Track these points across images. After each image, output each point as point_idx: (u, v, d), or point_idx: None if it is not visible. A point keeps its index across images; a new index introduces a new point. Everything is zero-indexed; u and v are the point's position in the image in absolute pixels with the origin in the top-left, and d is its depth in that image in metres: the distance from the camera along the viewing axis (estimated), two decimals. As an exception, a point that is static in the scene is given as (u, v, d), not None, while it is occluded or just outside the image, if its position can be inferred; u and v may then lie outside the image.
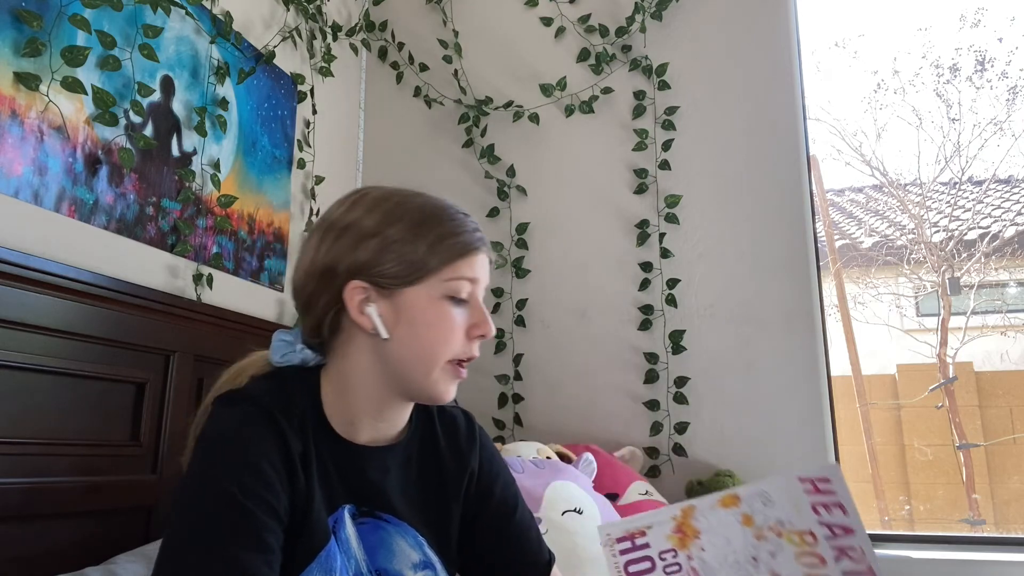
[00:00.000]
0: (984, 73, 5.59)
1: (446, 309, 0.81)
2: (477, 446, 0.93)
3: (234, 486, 0.70)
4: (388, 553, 0.81)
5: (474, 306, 0.83)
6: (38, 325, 1.15)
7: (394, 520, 0.83)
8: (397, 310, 0.80)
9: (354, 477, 0.81)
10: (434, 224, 0.81)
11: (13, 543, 1.11)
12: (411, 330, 0.80)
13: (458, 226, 0.82)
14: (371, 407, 0.83)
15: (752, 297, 2.04)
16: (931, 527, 4.28)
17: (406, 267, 0.79)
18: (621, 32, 2.23)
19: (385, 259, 0.80)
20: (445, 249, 0.80)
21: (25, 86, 1.21)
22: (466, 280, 0.81)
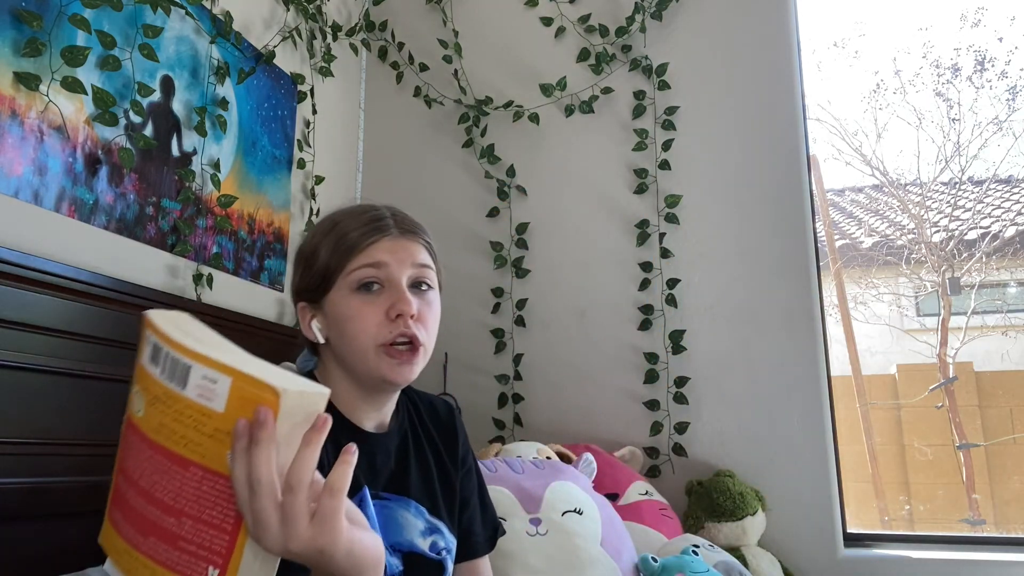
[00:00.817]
0: (984, 73, 5.59)
1: (357, 301, 0.86)
2: (457, 429, 1.04)
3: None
4: (396, 527, 0.88)
5: (391, 288, 0.87)
6: (38, 325, 1.15)
7: (393, 497, 0.90)
8: (327, 317, 0.88)
9: (365, 462, 0.86)
10: (334, 231, 0.89)
11: (13, 543, 1.11)
12: (338, 329, 0.87)
13: (351, 223, 0.89)
14: (359, 400, 0.90)
15: (752, 297, 2.04)
16: (931, 527, 4.28)
17: (317, 277, 0.88)
18: (621, 32, 2.23)
19: (307, 277, 0.90)
20: (340, 249, 0.87)
21: (25, 86, 1.21)
22: (367, 267, 0.86)
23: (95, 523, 1.27)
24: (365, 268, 0.86)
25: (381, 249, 0.87)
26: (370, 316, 0.85)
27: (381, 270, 0.87)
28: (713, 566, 1.45)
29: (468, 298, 2.23)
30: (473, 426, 2.14)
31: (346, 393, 0.89)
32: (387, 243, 0.88)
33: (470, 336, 2.21)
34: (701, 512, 1.81)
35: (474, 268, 2.25)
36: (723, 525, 1.78)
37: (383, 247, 0.88)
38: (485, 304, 2.23)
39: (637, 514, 1.69)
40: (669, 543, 1.62)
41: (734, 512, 1.78)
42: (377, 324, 0.85)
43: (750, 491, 1.84)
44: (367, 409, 0.91)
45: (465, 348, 2.20)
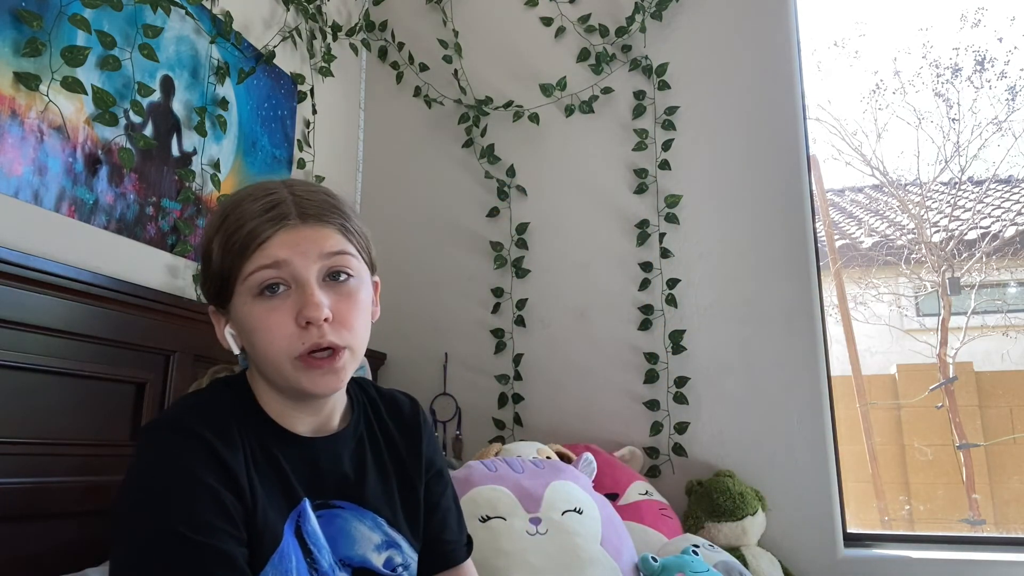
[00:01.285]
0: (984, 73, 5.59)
1: (260, 309, 0.74)
2: (422, 421, 0.93)
3: (181, 525, 0.66)
4: (348, 540, 0.80)
5: (297, 290, 0.74)
6: (38, 325, 1.15)
7: (349, 506, 0.81)
8: (236, 324, 0.77)
9: (307, 469, 0.79)
10: (225, 225, 0.76)
11: (13, 543, 1.11)
12: (248, 340, 0.76)
13: (242, 214, 0.75)
14: (289, 407, 0.80)
15: (752, 297, 2.04)
16: (931, 527, 4.28)
17: (214, 283, 0.77)
18: (621, 32, 2.23)
19: (204, 281, 0.79)
20: (233, 248, 0.74)
21: (25, 86, 1.21)
22: (265, 269, 0.73)
23: (95, 523, 1.27)
24: (263, 270, 0.73)
25: (279, 244, 0.73)
26: (277, 325, 0.73)
27: (283, 269, 0.73)
28: (713, 566, 1.45)
29: (468, 298, 2.24)
30: (473, 426, 2.14)
31: (275, 400, 0.80)
32: (285, 235, 0.74)
33: (470, 336, 2.21)
34: (701, 512, 1.82)
35: (474, 268, 2.25)
36: (723, 525, 1.78)
37: (281, 241, 0.74)
38: (485, 304, 2.23)
39: (637, 514, 1.69)
40: (669, 543, 1.62)
41: (734, 512, 1.78)
42: (287, 335, 0.73)
43: (750, 491, 1.84)
44: (301, 414, 0.81)
45: (465, 348, 2.20)
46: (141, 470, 0.71)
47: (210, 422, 0.73)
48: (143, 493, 0.69)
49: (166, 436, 0.72)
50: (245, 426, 0.76)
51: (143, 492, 0.69)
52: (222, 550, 0.67)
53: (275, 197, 0.76)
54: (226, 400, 0.78)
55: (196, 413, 0.74)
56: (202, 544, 0.66)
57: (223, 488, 0.70)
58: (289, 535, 0.75)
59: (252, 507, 0.72)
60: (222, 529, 0.68)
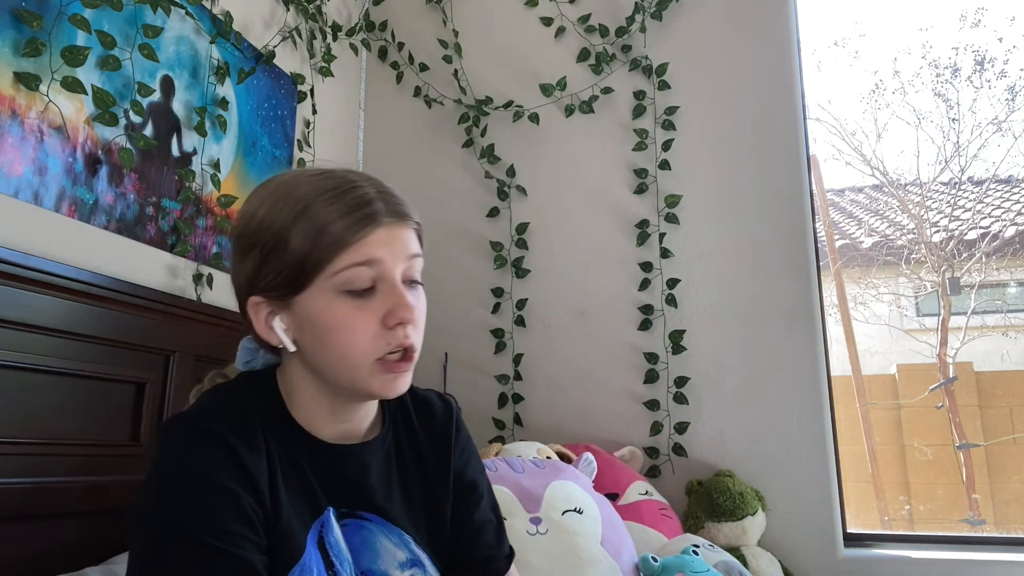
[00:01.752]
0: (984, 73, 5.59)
1: (345, 307, 0.70)
2: (454, 432, 0.88)
3: (200, 530, 0.64)
4: (372, 554, 0.77)
5: (386, 290, 0.71)
6: (38, 325, 1.15)
7: (376, 519, 0.78)
8: (298, 319, 0.72)
9: (334, 477, 0.76)
10: (314, 212, 0.70)
11: (13, 543, 1.11)
12: (316, 338, 0.71)
13: (342, 206, 0.71)
14: (324, 411, 0.77)
15: (752, 297, 2.04)
16: (931, 527, 4.28)
17: (287, 274, 0.71)
18: (621, 32, 2.23)
19: (266, 268, 0.72)
20: (323, 242, 0.70)
21: (25, 86, 1.21)
22: (359, 267, 0.70)
23: (95, 523, 1.27)
24: (357, 267, 0.70)
25: (375, 242, 0.71)
26: (363, 326, 0.70)
27: (375, 268, 0.71)
28: (713, 566, 1.45)
29: (468, 298, 2.24)
30: (473, 426, 2.13)
31: (311, 403, 0.76)
32: (381, 234, 0.71)
33: (470, 336, 2.21)
34: (701, 512, 1.82)
35: (474, 268, 2.25)
36: (723, 525, 1.78)
37: (377, 239, 0.71)
38: (485, 304, 2.23)
39: (637, 514, 1.69)
40: (669, 543, 1.62)
41: (734, 512, 1.78)
42: (372, 336, 0.71)
43: (750, 491, 1.84)
44: (334, 422, 0.77)
45: (465, 348, 2.20)
46: (162, 470, 0.68)
47: (233, 422, 0.70)
48: (163, 495, 0.67)
49: (187, 434, 0.69)
50: (270, 428, 0.73)
51: (163, 494, 0.67)
52: (242, 557, 0.65)
53: (365, 192, 0.73)
54: (252, 399, 0.75)
55: (219, 412, 0.72)
56: (222, 551, 0.64)
57: (243, 492, 0.67)
58: (312, 546, 0.72)
59: (275, 514, 0.70)
60: (242, 535, 0.66)
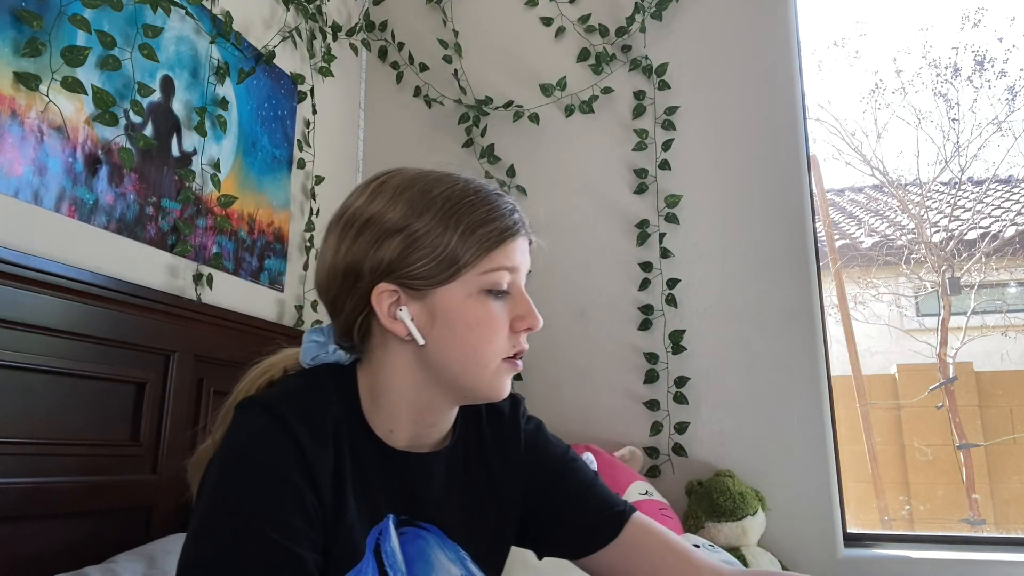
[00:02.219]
0: (984, 73, 5.59)
1: (486, 305, 0.72)
2: (520, 430, 0.85)
3: (269, 527, 0.63)
4: (427, 566, 0.75)
5: (517, 297, 0.75)
6: (38, 325, 1.15)
7: (435, 530, 0.77)
8: (432, 312, 0.72)
9: (396, 485, 0.75)
10: (465, 212, 0.72)
11: (13, 543, 1.11)
12: (450, 333, 0.72)
13: (491, 211, 0.73)
14: (411, 412, 0.75)
15: (752, 297, 2.04)
16: (931, 527, 4.28)
17: (437, 265, 0.71)
18: (621, 32, 2.23)
19: (413, 257, 0.71)
20: (479, 239, 0.72)
21: (25, 86, 1.21)
22: (504, 270, 0.73)
23: (95, 523, 1.27)
24: (502, 271, 0.73)
25: (518, 249, 0.75)
26: (500, 326, 0.73)
27: (513, 275, 0.74)
28: (713, 566, 1.45)
29: (468, 298, 2.23)
30: (473, 426, 2.14)
31: (399, 403, 0.75)
32: (520, 243, 0.76)
33: (470, 336, 2.21)
34: (701, 512, 1.82)
35: (474, 268, 2.25)
36: (723, 525, 1.78)
37: (517, 248, 0.75)
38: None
39: (637, 514, 1.69)
40: (669, 543, 1.62)
41: (734, 512, 1.78)
42: (504, 336, 0.73)
43: (750, 491, 1.84)
44: (416, 424, 0.76)
45: (465, 348, 2.20)
46: (232, 454, 0.67)
47: (308, 415, 0.69)
48: (229, 480, 0.66)
49: (260, 421, 0.68)
50: (343, 426, 0.72)
51: (229, 479, 0.66)
52: (298, 554, 0.64)
53: (509, 201, 0.77)
54: (330, 393, 0.74)
55: (296, 401, 0.70)
56: (279, 545, 0.63)
57: (307, 488, 0.67)
58: (369, 552, 0.71)
59: (337, 514, 0.69)
60: (301, 531, 0.65)
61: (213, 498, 0.65)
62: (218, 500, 0.65)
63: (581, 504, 0.82)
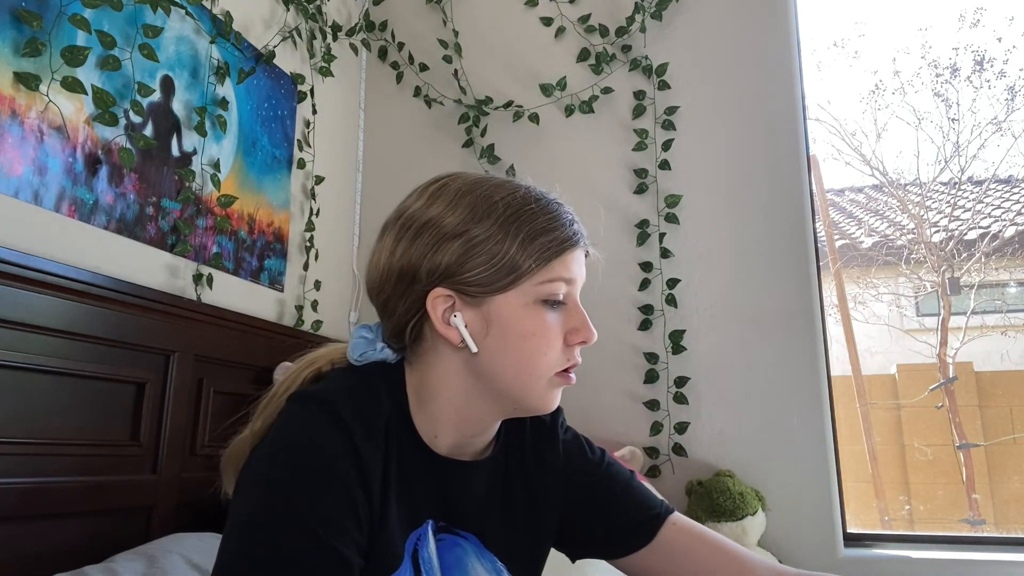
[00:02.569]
0: (983, 73, 5.59)
1: (542, 316, 0.72)
2: (559, 440, 0.85)
3: (316, 523, 0.61)
4: (462, 574, 0.74)
5: (572, 309, 0.75)
6: (38, 325, 1.15)
7: (472, 539, 0.76)
8: (487, 319, 0.71)
9: (437, 491, 0.74)
10: (525, 219, 0.71)
11: (13, 543, 1.11)
12: (504, 342, 0.71)
13: (552, 220, 0.73)
14: (457, 420, 0.74)
15: (752, 297, 2.04)
16: (931, 527, 4.28)
17: (495, 272, 0.70)
18: (621, 32, 2.23)
19: (471, 263, 0.70)
20: (538, 248, 0.71)
21: (25, 86, 1.21)
22: (562, 281, 0.73)
23: (95, 523, 1.27)
24: (560, 282, 0.72)
25: (574, 261, 0.75)
26: (555, 337, 0.72)
27: (570, 286, 0.74)
28: (713, 566, 1.45)
29: (468, 298, 2.23)
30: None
31: (446, 408, 0.74)
32: (578, 255, 0.76)
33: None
34: (701, 512, 1.81)
35: (474, 268, 2.25)
36: (723, 525, 1.78)
37: (575, 259, 0.75)
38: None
39: (637, 514, 1.69)
40: (669, 543, 1.62)
41: (734, 512, 1.78)
42: (558, 349, 0.73)
43: (750, 491, 1.84)
44: (462, 432, 0.75)
45: (465, 348, 2.20)
46: (284, 444, 0.66)
47: (361, 414, 0.68)
48: (280, 470, 0.64)
49: (316, 414, 0.67)
50: (391, 428, 0.71)
51: (281, 469, 0.64)
52: (343, 555, 0.62)
53: (568, 211, 0.76)
54: (382, 393, 0.73)
55: (351, 399, 0.69)
56: (325, 543, 0.61)
57: (357, 488, 0.65)
58: (407, 558, 0.70)
59: (381, 516, 0.68)
60: (347, 532, 0.63)
61: (262, 489, 0.64)
62: (267, 492, 0.63)
63: (618, 507, 0.82)
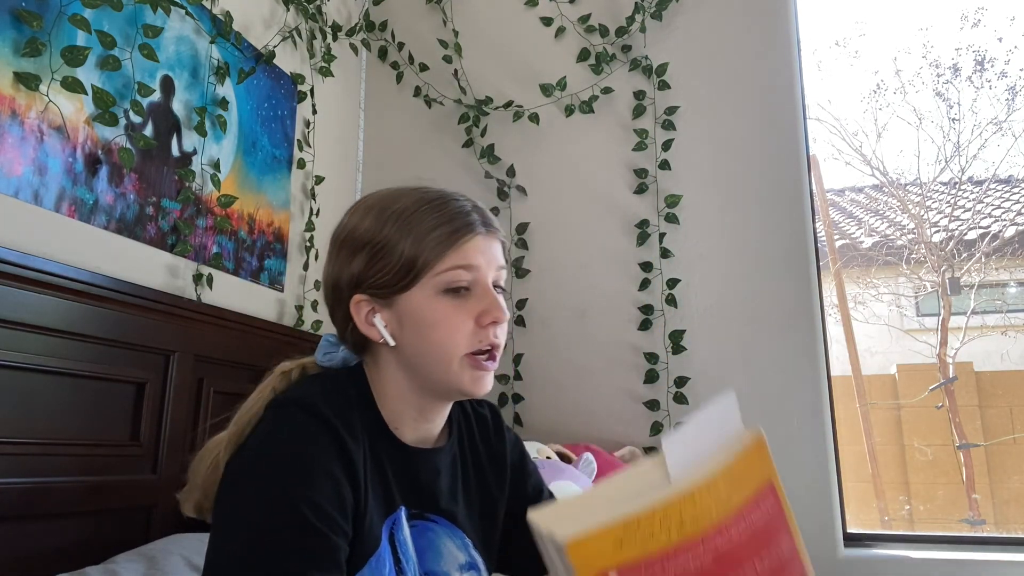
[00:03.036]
0: (984, 73, 5.59)
1: (445, 305, 0.78)
2: (506, 440, 0.93)
3: (304, 507, 0.67)
4: (436, 555, 0.81)
5: (480, 293, 0.79)
6: (38, 325, 1.15)
7: (442, 521, 0.83)
8: (400, 316, 0.79)
9: (408, 478, 0.81)
10: (417, 220, 0.78)
11: (13, 543, 1.11)
12: (416, 333, 0.78)
13: (444, 216, 0.79)
14: (411, 411, 0.82)
15: (752, 297, 2.04)
16: (931, 527, 4.28)
17: (397, 272, 0.78)
18: (621, 32, 2.23)
19: (376, 268, 0.78)
20: (431, 244, 0.77)
21: (25, 86, 1.21)
22: (461, 269, 0.78)
23: (95, 523, 1.27)
24: (458, 270, 0.77)
25: (473, 249, 0.79)
26: (460, 322, 0.77)
27: (472, 272, 0.79)
28: (713, 566, 1.45)
29: (468, 298, 2.23)
30: (473, 426, 2.14)
31: (400, 402, 0.81)
32: (478, 241, 0.80)
33: (470, 336, 2.20)
34: (701, 512, 1.81)
35: (474, 268, 2.25)
36: (723, 525, 1.78)
37: (474, 246, 0.79)
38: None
39: (637, 514, 1.69)
40: (669, 543, 1.62)
41: (734, 512, 1.78)
42: (467, 332, 0.78)
43: (750, 491, 1.84)
44: (417, 421, 0.82)
45: (465, 348, 2.20)
46: (270, 443, 0.71)
47: (340, 412, 0.75)
48: (271, 464, 0.70)
49: (299, 416, 0.73)
50: (365, 422, 0.78)
51: (271, 463, 0.70)
52: (332, 541, 0.67)
53: (462, 205, 0.81)
54: (351, 392, 0.80)
55: (328, 400, 0.75)
56: (316, 528, 0.66)
57: (344, 480, 0.71)
58: (384, 541, 0.76)
59: (364, 505, 0.74)
60: (335, 521, 0.69)
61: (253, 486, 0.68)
62: (259, 487, 0.68)
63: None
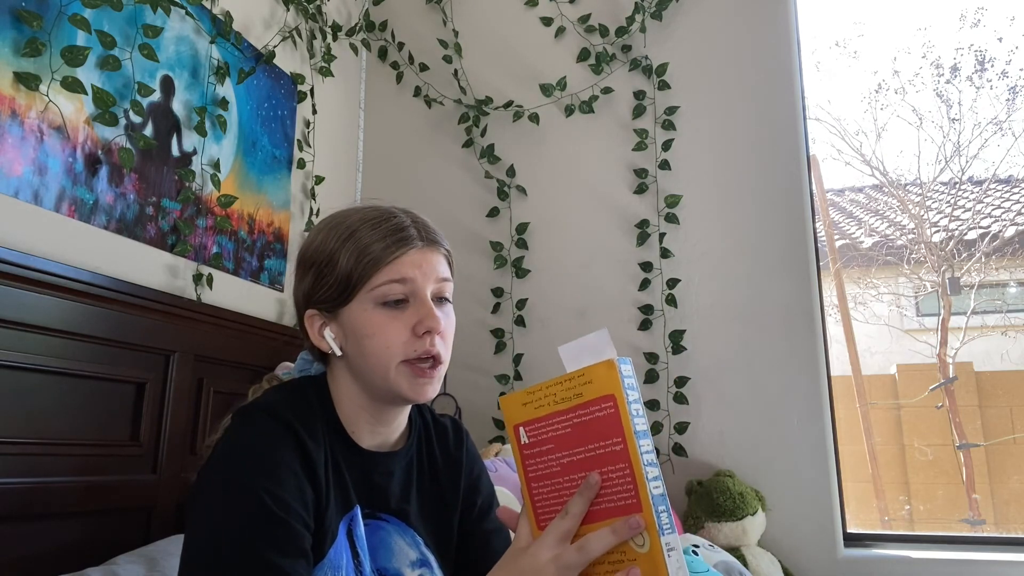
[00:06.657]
0: (984, 73, 5.59)
1: (380, 317, 0.82)
2: (464, 451, 0.98)
3: (268, 498, 0.72)
4: (387, 552, 0.86)
5: (417, 304, 0.83)
6: (38, 325, 1.15)
7: (393, 520, 0.87)
8: (344, 328, 0.84)
9: (363, 479, 0.85)
10: (357, 237, 0.84)
11: (13, 543, 1.11)
12: (357, 343, 0.83)
13: (380, 231, 0.84)
14: (365, 414, 0.87)
15: (752, 297, 2.04)
16: (931, 527, 4.28)
17: (337, 288, 0.84)
18: (621, 32, 2.23)
19: (321, 283, 0.85)
20: (364, 261, 0.82)
21: (25, 86, 1.21)
22: (393, 283, 0.82)
23: (95, 523, 1.27)
24: (391, 284, 0.82)
25: (407, 263, 0.83)
26: (395, 333, 0.82)
27: (407, 285, 0.83)
28: (713, 566, 1.45)
29: (468, 298, 2.23)
30: (473, 426, 2.14)
31: (353, 407, 0.86)
32: (413, 256, 0.84)
33: (470, 336, 2.21)
34: (701, 512, 1.81)
35: (474, 268, 2.25)
36: (723, 525, 1.78)
37: (409, 260, 0.83)
38: (485, 304, 2.23)
39: (637, 514, 1.69)
40: (669, 543, 1.62)
41: (734, 512, 1.78)
42: (402, 341, 0.82)
43: (750, 491, 1.84)
44: (372, 426, 0.87)
45: (465, 348, 2.20)
46: (236, 444, 0.76)
47: (301, 417, 0.80)
48: (239, 464, 0.74)
49: (262, 420, 0.78)
50: (324, 427, 0.84)
51: (239, 463, 0.75)
52: (296, 529, 0.73)
53: (400, 221, 0.86)
54: (314, 399, 0.86)
55: (290, 406, 0.81)
56: (283, 521, 0.72)
57: (305, 480, 0.77)
58: (343, 535, 0.82)
59: (326, 503, 0.79)
60: (297, 512, 0.74)
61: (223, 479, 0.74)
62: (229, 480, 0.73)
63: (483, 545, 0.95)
